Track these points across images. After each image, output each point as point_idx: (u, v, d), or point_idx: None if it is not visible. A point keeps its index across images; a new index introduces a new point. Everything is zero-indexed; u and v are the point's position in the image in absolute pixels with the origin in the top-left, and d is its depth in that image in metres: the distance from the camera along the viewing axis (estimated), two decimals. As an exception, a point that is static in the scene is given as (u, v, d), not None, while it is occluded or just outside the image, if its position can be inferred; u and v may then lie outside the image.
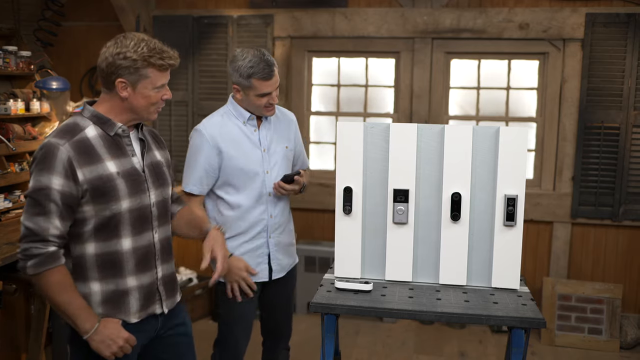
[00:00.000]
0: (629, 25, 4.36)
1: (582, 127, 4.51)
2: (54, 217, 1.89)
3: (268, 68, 2.63)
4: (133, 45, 1.97)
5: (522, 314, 2.21)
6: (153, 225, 2.10)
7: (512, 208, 2.39)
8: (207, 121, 2.76)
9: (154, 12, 5.02)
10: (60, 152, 1.90)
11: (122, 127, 2.03)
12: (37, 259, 1.88)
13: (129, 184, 2.01)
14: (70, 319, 1.93)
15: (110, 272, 2.01)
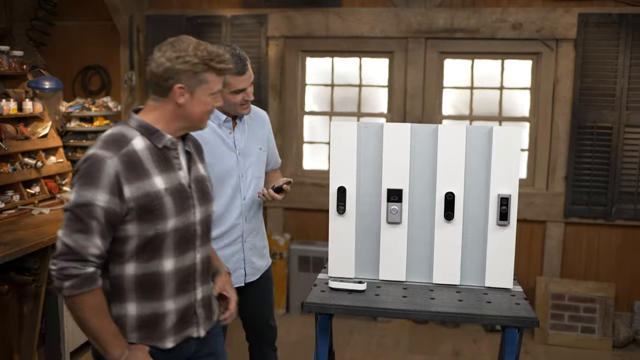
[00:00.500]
0: (621, 25, 4.38)
1: (575, 127, 4.53)
2: (95, 236, 1.75)
3: (241, 62, 2.55)
4: (192, 48, 1.86)
5: (515, 313, 2.22)
6: (196, 245, 1.95)
7: (505, 207, 2.40)
8: None
9: (147, 11, 5.01)
10: (107, 165, 1.75)
11: (170, 139, 1.89)
12: (74, 280, 1.73)
13: (176, 201, 1.87)
14: (100, 344, 1.81)
15: (150, 294, 1.87)
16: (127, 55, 4.97)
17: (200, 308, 1.99)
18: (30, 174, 4.04)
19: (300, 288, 4.87)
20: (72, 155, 4.62)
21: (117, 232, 1.80)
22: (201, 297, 1.98)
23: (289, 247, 4.92)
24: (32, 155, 4.13)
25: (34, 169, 4.05)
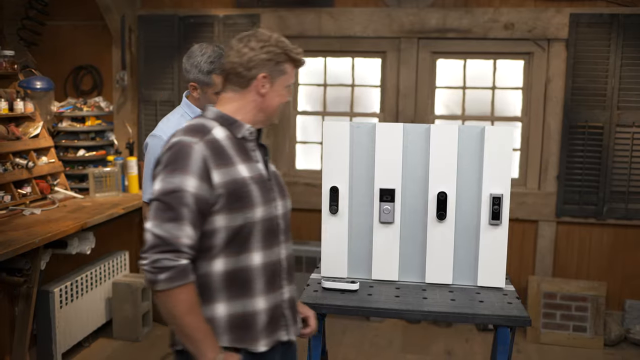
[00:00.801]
0: (612, 26, 4.40)
1: (567, 127, 4.55)
2: (186, 224, 1.65)
3: None
4: (275, 38, 1.84)
5: (507, 312, 2.23)
6: (280, 240, 1.86)
7: (497, 207, 2.41)
8: (164, 125, 2.59)
9: (139, 11, 4.99)
10: (194, 150, 1.69)
11: (249, 128, 1.84)
12: (170, 272, 1.62)
13: (261, 191, 1.79)
14: (193, 344, 1.69)
15: (239, 292, 1.77)
16: (119, 55, 4.96)
17: (288, 309, 1.88)
18: (22, 174, 4.02)
19: (293, 288, 4.87)
20: (64, 155, 4.60)
21: (205, 225, 1.71)
22: (288, 298, 1.88)
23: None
24: (23, 156, 4.11)
25: (25, 169, 4.03)
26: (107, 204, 4.21)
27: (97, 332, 4.35)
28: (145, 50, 4.99)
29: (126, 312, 4.32)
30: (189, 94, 2.66)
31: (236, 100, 1.85)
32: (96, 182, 4.44)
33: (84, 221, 3.72)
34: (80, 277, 4.07)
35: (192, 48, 2.59)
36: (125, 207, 4.19)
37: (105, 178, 4.48)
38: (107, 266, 4.38)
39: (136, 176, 4.66)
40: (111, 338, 4.36)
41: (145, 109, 5.05)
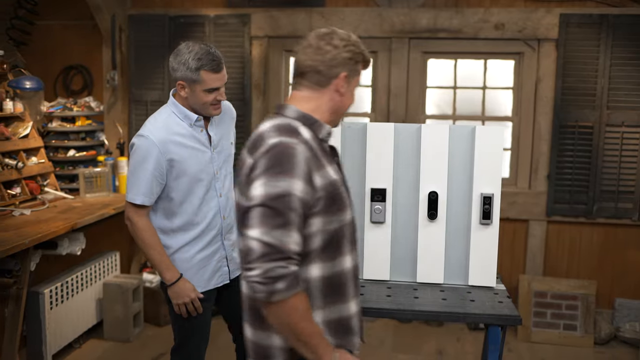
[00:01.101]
0: (601, 26, 4.42)
1: (557, 126, 4.57)
2: (294, 230, 1.58)
3: (217, 60, 2.51)
4: (354, 37, 1.80)
5: (498, 311, 2.24)
6: (357, 242, 1.85)
7: (488, 207, 2.42)
8: (151, 126, 2.56)
9: (129, 11, 4.97)
10: (297, 152, 1.62)
11: (329, 129, 1.79)
12: (285, 281, 1.54)
13: (346, 192, 1.78)
14: (311, 349, 1.64)
15: (335, 297, 1.73)
16: (110, 54, 4.93)
17: (361, 315, 1.87)
18: (11, 174, 3.99)
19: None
20: (54, 155, 4.58)
21: (304, 229, 1.64)
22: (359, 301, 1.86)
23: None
24: (12, 156, 4.09)
25: (14, 170, 4.00)
26: (98, 205, 4.20)
27: (87, 333, 4.33)
28: (136, 50, 4.97)
29: (117, 312, 4.31)
30: (176, 93, 2.61)
31: (313, 100, 1.78)
32: (86, 182, 4.42)
33: (74, 222, 3.70)
34: (71, 278, 4.05)
35: (179, 47, 2.56)
36: (116, 207, 4.17)
37: (96, 178, 4.46)
38: (97, 267, 4.37)
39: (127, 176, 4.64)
40: (102, 339, 4.34)
41: (136, 109, 5.03)
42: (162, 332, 4.53)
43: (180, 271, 2.60)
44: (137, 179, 2.51)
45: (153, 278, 4.75)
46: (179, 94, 2.57)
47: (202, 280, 2.66)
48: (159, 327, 4.59)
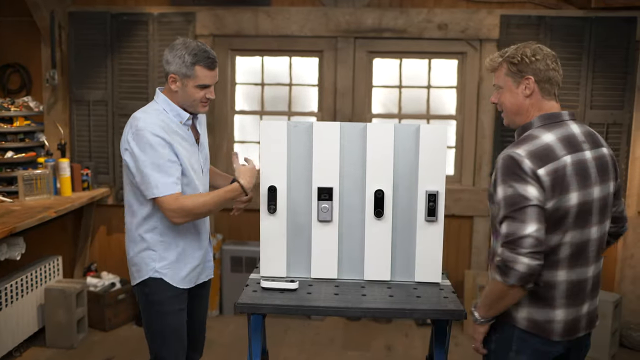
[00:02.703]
0: (539, 27, 4.56)
1: (499, 125, 4.68)
2: None
3: (213, 58, 2.52)
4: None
5: (444, 306, 2.28)
6: None
7: (433, 204, 2.46)
8: (148, 120, 2.47)
9: (69, 8, 4.83)
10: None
11: None
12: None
13: None
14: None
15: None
16: (49, 53, 4.79)
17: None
18: (-56, 177, 3.83)
19: (233, 289, 4.83)
20: (-9, 157, 4.41)
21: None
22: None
23: (221, 248, 4.86)
24: (-54, 158, 3.92)
25: (-52, 173, 3.84)
26: (38, 208, 4.06)
27: (28, 341, 4.19)
28: (77, 48, 4.84)
29: (60, 318, 4.19)
30: (164, 90, 2.58)
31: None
32: (25, 185, 4.28)
33: (12, 226, 3.57)
34: (10, 284, 3.91)
35: (175, 42, 2.53)
36: (57, 210, 4.05)
37: (36, 181, 4.32)
38: (38, 272, 4.23)
39: (68, 178, 4.51)
40: (44, 346, 4.21)
41: (78, 109, 4.90)
42: (107, 337, 4.43)
43: (172, 258, 2.56)
44: (160, 169, 2.42)
45: (97, 282, 4.64)
46: (169, 88, 2.53)
47: (192, 274, 2.64)
48: (104, 332, 4.49)
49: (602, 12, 4.51)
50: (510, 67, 2.14)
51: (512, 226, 1.91)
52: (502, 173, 1.97)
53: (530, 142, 2.01)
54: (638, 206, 4.61)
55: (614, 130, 4.59)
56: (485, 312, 2.06)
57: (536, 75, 2.11)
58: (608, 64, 4.55)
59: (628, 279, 4.68)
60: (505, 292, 1.95)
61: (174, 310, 2.59)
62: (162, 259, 2.55)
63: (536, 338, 2.05)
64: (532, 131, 2.08)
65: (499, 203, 1.97)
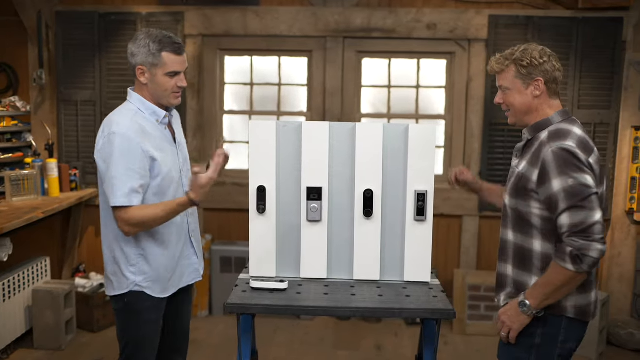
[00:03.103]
0: (527, 27, 4.58)
1: (488, 124, 4.70)
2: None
3: (179, 43, 2.45)
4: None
5: (433, 305, 2.28)
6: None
7: (422, 203, 2.46)
8: (122, 122, 2.40)
9: (57, 7, 4.80)
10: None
11: None
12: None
13: None
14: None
15: None
16: (36, 52, 4.75)
17: None
18: None
19: (222, 289, 4.82)
20: (-23, 158, 4.38)
21: None
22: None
23: (210, 248, 4.85)
24: None
25: None
26: (25, 208, 4.04)
27: (16, 343, 4.16)
28: (64, 48, 4.81)
29: (48, 320, 4.16)
30: (135, 88, 2.51)
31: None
32: (13, 185, 4.25)
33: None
34: (-3, 286, 3.89)
35: (137, 34, 2.47)
36: (45, 211, 4.03)
37: (23, 181, 4.29)
38: (26, 273, 4.20)
39: (56, 178, 4.48)
40: (32, 348, 4.18)
41: (65, 109, 4.87)
42: (96, 338, 4.41)
43: (152, 272, 2.49)
44: (123, 179, 2.34)
45: (86, 283, 4.62)
46: (139, 81, 2.46)
47: (173, 280, 2.58)
48: (93, 333, 4.46)
49: (589, 12, 4.54)
50: (521, 70, 2.21)
51: (580, 215, 1.99)
52: (558, 165, 2.03)
53: (569, 135, 2.09)
54: (625, 205, 4.64)
55: (601, 130, 4.62)
56: (541, 302, 2.10)
57: (545, 77, 2.19)
58: (595, 64, 4.58)
59: (615, 278, 4.71)
60: (572, 279, 2.04)
61: (151, 319, 2.54)
62: (141, 273, 2.48)
63: (579, 323, 2.16)
64: (559, 125, 2.16)
65: (555, 195, 2.03)
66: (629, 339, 4.42)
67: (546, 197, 2.07)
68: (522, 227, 2.19)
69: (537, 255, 2.17)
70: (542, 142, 2.13)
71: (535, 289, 2.12)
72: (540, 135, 2.17)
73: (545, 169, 2.06)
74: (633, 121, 4.60)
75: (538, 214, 2.13)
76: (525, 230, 2.18)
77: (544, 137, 2.14)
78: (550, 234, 2.13)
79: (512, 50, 2.30)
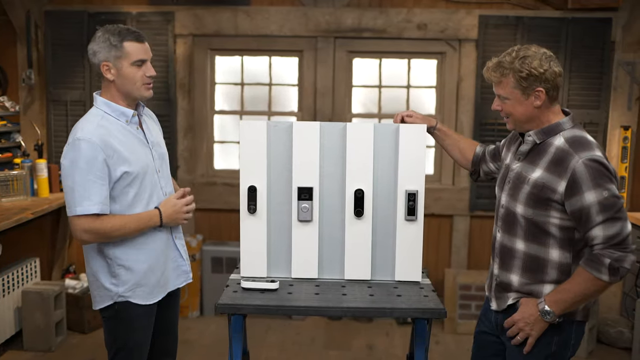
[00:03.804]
0: (517, 27, 4.61)
1: (478, 124, 4.72)
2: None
3: (138, 32, 2.42)
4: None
5: (424, 305, 2.29)
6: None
7: (412, 203, 2.47)
8: (87, 127, 2.35)
9: (45, 7, 4.78)
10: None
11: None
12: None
13: None
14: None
15: None
16: (25, 52, 4.73)
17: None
18: None
19: (213, 289, 4.81)
20: (-34, 158, 4.35)
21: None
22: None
23: (201, 249, 4.84)
24: None
25: None
26: (15, 209, 4.01)
27: (5, 344, 4.14)
28: (53, 47, 4.78)
29: (38, 321, 4.13)
30: (101, 92, 2.46)
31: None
32: (2, 186, 4.22)
33: (-12, 228, 3.52)
34: (-14, 287, 3.86)
35: (95, 34, 2.43)
36: (34, 211, 4.00)
37: (12, 181, 4.26)
38: (15, 274, 4.18)
39: (46, 179, 4.45)
40: (22, 350, 4.16)
41: (55, 109, 4.84)
42: (86, 339, 4.39)
43: (134, 280, 2.45)
44: (86, 186, 2.29)
45: (76, 284, 4.59)
46: (106, 82, 2.42)
47: (160, 285, 2.53)
48: (84, 335, 4.44)
49: (578, 12, 4.57)
50: (521, 82, 2.14)
51: (616, 227, 2.00)
52: (593, 178, 1.99)
53: (592, 144, 2.07)
54: (614, 204, 4.67)
55: (590, 129, 4.65)
56: (565, 309, 2.10)
57: (546, 86, 2.13)
58: (584, 64, 4.61)
59: (605, 276, 4.74)
60: (603, 289, 2.07)
61: (142, 326, 2.51)
62: (123, 283, 2.44)
63: (583, 325, 2.20)
64: (575, 132, 2.12)
65: (588, 208, 2.00)
66: (619, 337, 4.45)
67: (576, 209, 2.02)
68: (537, 236, 2.14)
69: (553, 264, 2.13)
70: (564, 149, 2.07)
71: (558, 295, 2.08)
72: (553, 141, 2.12)
73: (576, 181, 2.01)
74: (622, 121, 4.64)
75: (557, 223, 2.10)
76: (541, 239, 2.13)
77: (560, 144, 2.09)
78: (568, 243, 2.11)
79: (510, 58, 2.23)
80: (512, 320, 2.19)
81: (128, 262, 2.45)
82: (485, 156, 2.58)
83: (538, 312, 2.11)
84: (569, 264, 2.12)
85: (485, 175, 2.62)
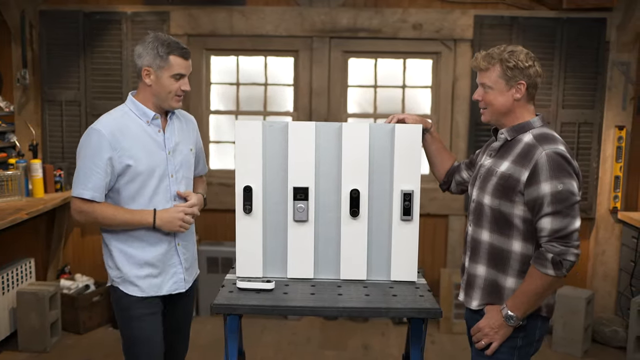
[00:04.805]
0: (512, 27, 4.61)
1: (474, 124, 4.72)
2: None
3: (186, 48, 2.51)
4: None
5: (419, 305, 2.29)
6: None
7: (408, 203, 2.47)
8: (104, 119, 2.48)
9: (40, 6, 4.76)
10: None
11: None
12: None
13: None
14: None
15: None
16: (20, 52, 4.71)
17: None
18: None
19: (209, 290, 4.80)
20: (-40, 158, 4.33)
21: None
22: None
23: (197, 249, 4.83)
24: None
25: None
26: (9, 209, 4.00)
27: (0, 345, 4.13)
28: (48, 47, 4.77)
29: (33, 322, 4.12)
30: (135, 94, 2.55)
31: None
32: (-4, 186, 4.21)
33: (-17, 228, 3.51)
34: (-19, 288, 3.85)
35: (145, 37, 2.51)
36: (29, 212, 3.99)
37: (7, 182, 4.25)
38: (10, 275, 4.16)
39: (41, 179, 4.44)
40: (17, 350, 4.15)
41: (50, 109, 4.83)
42: (81, 340, 4.38)
43: (124, 271, 2.53)
44: (86, 172, 2.43)
45: (71, 284, 4.58)
46: (143, 84, 2.50)
47: (153, 286, 2.56)
48: (79, 335, 4.43)
49: (573, 13, 4.58)
50: (506, 71, 2.22)
51: (564, 221, 2.04)
52: (552, 168, 2.05)
53: (557, 140, 2.13)
54: (609, 204, 4.69)
55: (585, 129, 4.66)
56: (525, 311, 2.15)
57: (528, 81, 2.21)
58: (579, 64, 4.62)
59: (599, 276, 4.76)
60: (553, 284, 2.09)
61: (140, 314, 2.54)
62: (116, 269, 2.55)
63: (547, 320, 2.23)
64: (543, 130, 2.19)
65: (541, 198, 2.06)
66: (613, 336, 4.47)
67: (531, 198, 2.09)
68: (501, 227, 2.19)
69: (515, 256, 2.18)
70: (531, 144, 2.14)
71: (516, 299, 2.14)
72: (523, 138, 2.19)
73: (536, 171, 2.07)
74: (617, 121, 4.65)
75: (521, 215, 2.15)
76: (505, 231, 2.19)
77: (529, 139, 2.16)
78: (532, 236, 2.15)
79: (499, 50, 2.31)
80: (477, 327, 2.24)
81: (128, 252, 2.55)
82: (461, 166, 2.65)
83: (502, 318, 2.16)
84: (531, 256, 2.16)
85: (457, 186, 2.66)
